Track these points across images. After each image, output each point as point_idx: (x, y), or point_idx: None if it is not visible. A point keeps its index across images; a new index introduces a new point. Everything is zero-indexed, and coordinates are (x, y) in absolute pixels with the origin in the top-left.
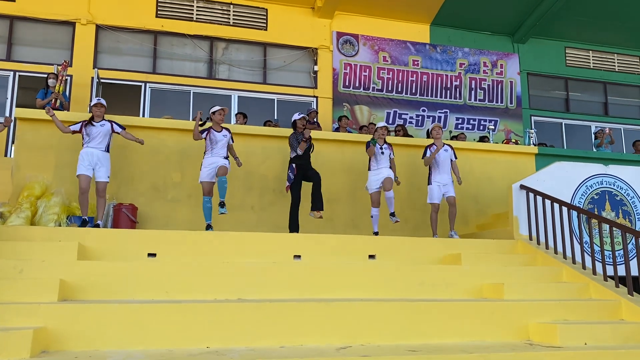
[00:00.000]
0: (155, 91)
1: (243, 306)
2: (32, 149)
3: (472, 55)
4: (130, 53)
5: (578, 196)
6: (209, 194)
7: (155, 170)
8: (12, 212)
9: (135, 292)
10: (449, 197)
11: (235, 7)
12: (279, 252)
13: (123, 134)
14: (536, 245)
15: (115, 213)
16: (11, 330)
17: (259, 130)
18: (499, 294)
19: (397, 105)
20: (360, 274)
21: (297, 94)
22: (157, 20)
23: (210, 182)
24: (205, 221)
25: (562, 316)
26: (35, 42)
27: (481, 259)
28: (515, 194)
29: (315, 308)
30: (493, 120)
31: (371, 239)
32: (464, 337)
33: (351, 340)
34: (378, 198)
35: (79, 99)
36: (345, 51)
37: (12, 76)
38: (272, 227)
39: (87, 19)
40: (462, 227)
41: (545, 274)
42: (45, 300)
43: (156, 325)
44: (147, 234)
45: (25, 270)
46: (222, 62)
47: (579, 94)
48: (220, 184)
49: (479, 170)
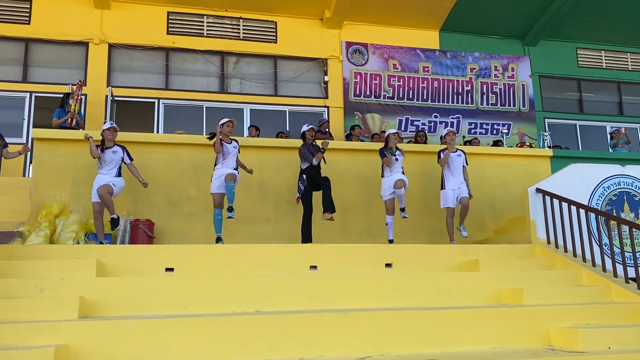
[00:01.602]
0: (169, 107)
1: (261, 318)
2: (49, 168)
3: (483, 60)
4: (142, 70)
5: (595, 198)
6: (219, 206)
7: (170, 186)
8: (32, 231)
9: (154, 308)
10: (462, 197)
11: (245, 21)
12: (294, 263)
13: (129, 167)
14: (554, 248)
15: (132, 229)
16: (33, 348)
17: (272, 142)
18: (519, 300)
19: (409, 112)
20: (377, 283)
21: (308, 104)
22: (169, 37)
23: (221, 193)
24: (216, 234)
25: (584, 320)
26: (50, 63)
27: (499, 265)
28: (531, 197)
29: (334, 318)
30: (506, 124)
31: (387, 247)
32: (484, 344)
33: (371, 350)
34: (392, 205)
35: (94, 118)
36: (355, 60)
37: (28, 97)
38: (288, 238)
39: (99, 38)
40: (479, 232)
41: (564, 278)
42: (66, 318)
43: (176, 340)
44: (164, 249)
45: (45, 288)
46: (234, 76)
47: (592, 94)
48: (229, 189)
49: (494, 175)
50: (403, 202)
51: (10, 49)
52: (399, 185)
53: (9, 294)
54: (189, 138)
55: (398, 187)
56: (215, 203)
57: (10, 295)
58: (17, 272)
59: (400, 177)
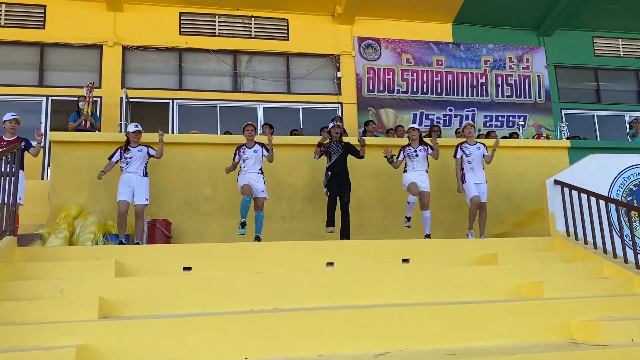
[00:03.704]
0: (183, 107)
1: (279, 316)
2: (66, 170)
3: (497, 52)
4: (156, 71)
5: (615, 188)
6: (248, 194)
7: (186, 185)
8: (51, 233)
9: (173, 307)
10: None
11: (256, 20)
12: (311, 260)
13: (156, 155)
14: (574, 241)
15: (150, 229)
16: (54, 348)
17: (286, 139)
18: (539, 293)
19: (423, 106)
20: (395, 278)
21: (321, 101)
22: (181, 37)
23: (248, 185)
24: (241, 218)
25: (606, 313)
26: (65, 67)
27: (518, 258)
28: (549, 189)
29: (352, 315)
30: (522, 116)
31: (404, 243)
32: (504, 338)
33: (389, 346)
34: (416, 188)
35: (109, 119)
36: (368, 55)
37: (45, 101)
38: (303, 235)
39: (113, 40)
40: (497, 225)
41: (585, 270)
42: (86, 318)
43: (195, 338)
44: (182, 249)
45: (65, 289)
46: (246, 74)
47: (610, 83)
48: (258, 218)
49: (511, 167)
50: (428, 227)
51: (26, 54)
52: (414, 192)
53: (30, 295)
54: (204, 137)
55: (423, 209)
56: (243, 193)
57: (31, 296)
58: (37, 274)
59: (416, 180)
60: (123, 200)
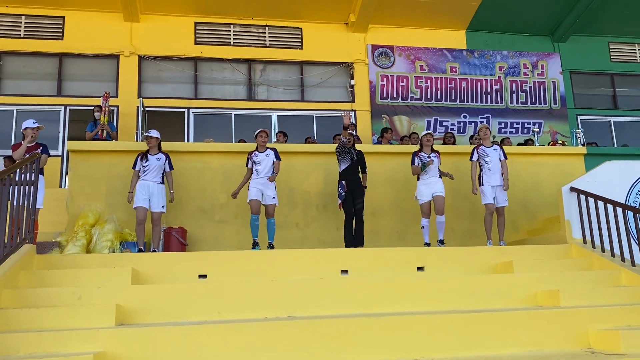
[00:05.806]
0: (198, 116)
1: (294, 324)
2: (84, 179)
3: (511, 58)
4: (172, 81)
5: (633, 195)
6: (256, 213)
7: (201, 193)
8: (69, 241)
9: (189, 314)
10: (498, 207)
11: (270, 29)
12: (325, 267)
13: (167, 175)
14: (591, 248)
15: (165, 237)
16: (72, 355)
17: (300, 147)
18: (555, 301)
19: (438, 113)
20: (410, 286)
21: (335, 109)
22: (196, 47)
23: (257, 200)
24: (253, 238)
25: (624, 322)
26: (83, 77)
27: (534, 266)
28: (565, 196)
29: (366, 323)
30: (537, 123)
31: (418, 250)
32: (521, 347)
33: (405, 354)
34: (428, 208)
35: (126, 129)
36: (381, 63)
37: (63, 111)
38: (317, 243)
39: (130, 50)
40: (513, 233)
41: (602, 278)
42: (103, 325)
43: (210, 345)
44: (197, 256)
45: (83, 296)
46: (261, 83)
47: (626, 89)
48: (270, 225)
49: (526, 175)
50: (442, 232)
51: (45, 64)
52: (426, 213)
53: (48, 303)
54: (218, 146)
55: (439, 213)
56: (253, 210)
57: (49, 303)
58: (56, 281)
59: (438, 193)
60: (141, 206)
